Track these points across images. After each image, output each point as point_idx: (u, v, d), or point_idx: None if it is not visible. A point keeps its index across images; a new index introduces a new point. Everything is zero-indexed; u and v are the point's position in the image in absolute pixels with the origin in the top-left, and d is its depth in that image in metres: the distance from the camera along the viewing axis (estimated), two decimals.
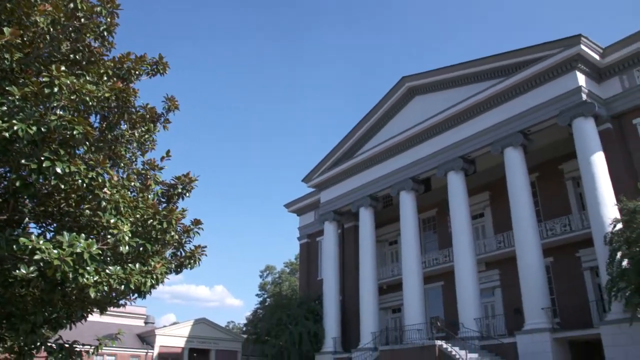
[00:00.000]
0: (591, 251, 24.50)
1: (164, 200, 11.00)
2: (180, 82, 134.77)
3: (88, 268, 7.83)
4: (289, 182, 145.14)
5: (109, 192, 8.72)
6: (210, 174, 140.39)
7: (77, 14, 9.34)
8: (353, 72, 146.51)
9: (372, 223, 35.63)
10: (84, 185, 8.41)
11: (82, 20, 9.49)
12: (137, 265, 9.11)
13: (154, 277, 9.30)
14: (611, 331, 21.17)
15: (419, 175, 32.60)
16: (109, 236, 8.58)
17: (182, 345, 47.80)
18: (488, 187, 32.37)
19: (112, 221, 8.60)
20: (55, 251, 7.47)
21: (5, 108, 7.85)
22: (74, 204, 9.53)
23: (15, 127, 7.49)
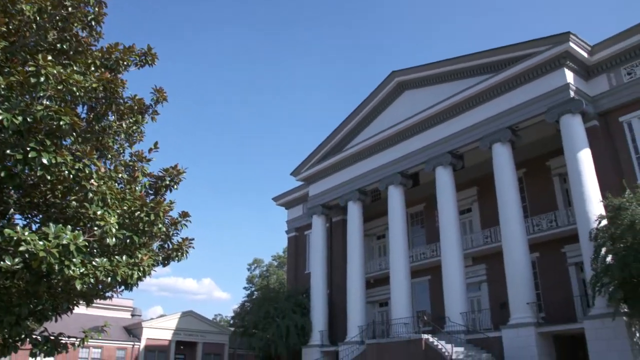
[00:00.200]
0: (576, 247, 24.76)
1: (152, 192, 10.92)
2: (169, 74, 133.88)
3: (74, 260, 7.76)
4: (277, 175, 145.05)
5: (96, 184, 8.64)
6: (198, 166, 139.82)
7: (65, 2, 9.23)
8: (344, 66, 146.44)
9: (360, 217, 35.72)
10: (71, 176, 8.33)
11: (70, 9, 9.38)
12: (124, 257, 9.05)
13: (141, 269, 9.25)
14: (594, 325, 21.45)
15: (408, 170, 32.71)
16: (95, 228, 8.50)
17: (169, 338, 47.68)
18: (476, 183, 32.56)
19: (99, 213, 8.53)
20: (41, 243, 7.40)
21: None
22: (60, 195, 9.44)
23: (0, 117, 7.39)
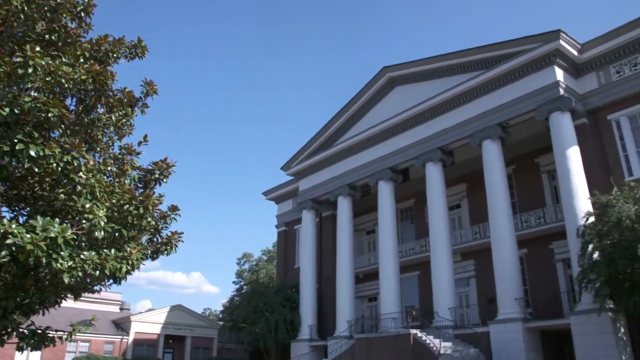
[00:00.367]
0: (564, 243, 24.98)
1: (141, 185, 10.83)
2: (159, 68, 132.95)
3: (62, 253, 7.69)
4: (267, 170, 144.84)
5: (84, 177, 8.56)
6: (189, 160, 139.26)
7: None
8: (335, 61, 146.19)
9: (350, 212, 35.76)
10: (59, 169, 8.24)
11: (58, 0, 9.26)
12: (113, 250, 8.98)
13: (130, 263, 9.18)
14: (580, 321, 21.67)
15: (398, 166, 32.77)
16: (84, 221, 8.43)
17: (158, 331, 47.61)
18: (465, 179, 32.70)
19: (87, 206, 8.45)
20: (28, 235, 7.31)
21: None
22: (48, 188, 9.35)
23: None
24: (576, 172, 24.06)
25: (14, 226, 7.30)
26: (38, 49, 8.14)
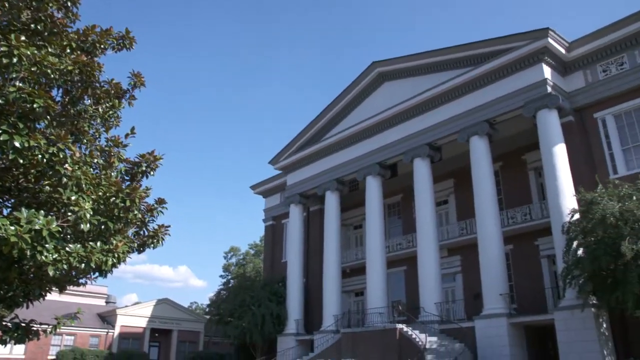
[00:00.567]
0: (549, 240, 25.23)
1: (128, 178, 10.72)
2: (147, 60, 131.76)
3: (47, 245, 7.60)
4: (255, 163, 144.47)
5: (70, 168, 8.45)
6: (176, 153, 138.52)
7: None
8: (324, 56, 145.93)
9: (338, 207, 35.81)
10: (44, 160, 8.13)
11: None
12: (99, 243, 8.89)
13: (116, 256, 9.10)
14: (564, 316, 21.93)
15: (386, 161, 32.85)
16: (69, 213, 8.33)
17: (144, 325, 47.39)
18: (453, 175, 32.88)
19: (73, 198, 8.34)
20: (13, 227, 7.21)
21: None
22: (33, 180, 9.22)
23: None
24: (562, 170, 24.29)
25: None
26: (23, 38, 8.01)
